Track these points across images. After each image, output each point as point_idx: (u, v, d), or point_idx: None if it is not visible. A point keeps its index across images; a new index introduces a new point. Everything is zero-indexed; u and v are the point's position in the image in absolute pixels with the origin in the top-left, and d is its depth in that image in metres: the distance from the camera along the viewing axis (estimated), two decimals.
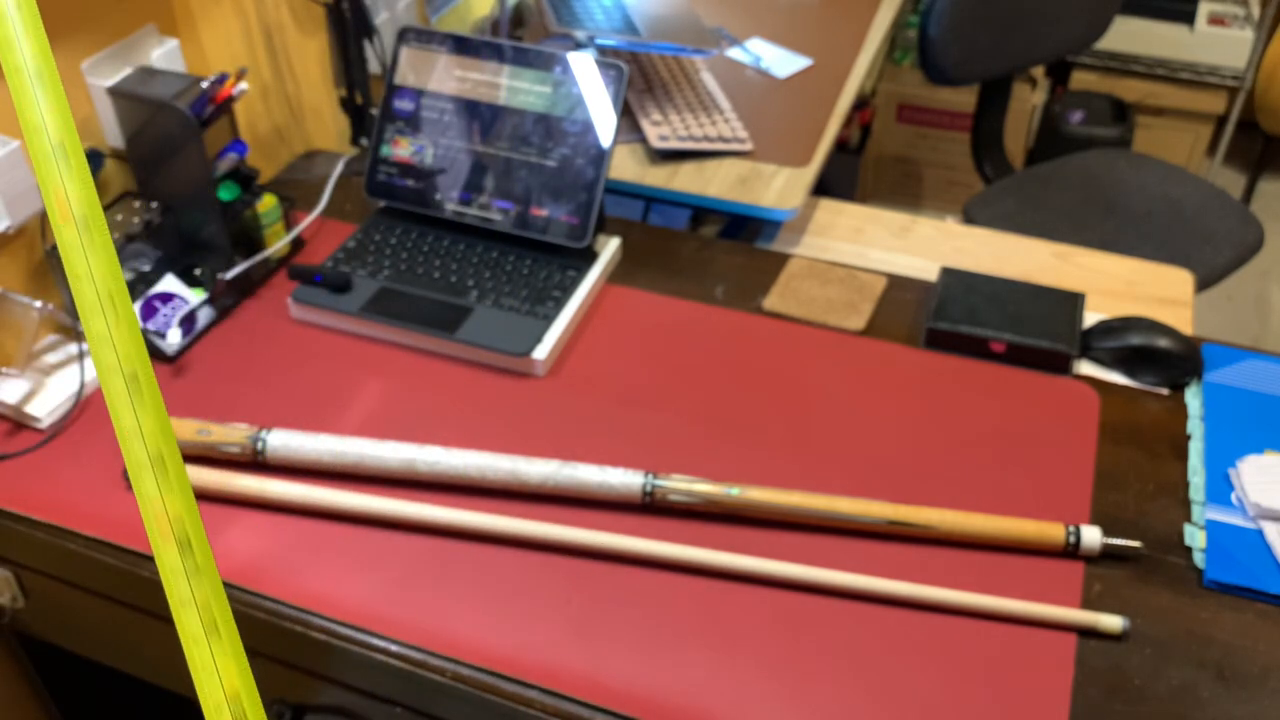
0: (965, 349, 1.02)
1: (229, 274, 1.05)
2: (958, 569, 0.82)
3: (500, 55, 1.10)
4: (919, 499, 0.87)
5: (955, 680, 0.75)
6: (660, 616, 0.79)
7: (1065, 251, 1.27)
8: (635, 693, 0.74)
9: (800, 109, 1.45)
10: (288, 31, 1.26)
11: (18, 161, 0.96)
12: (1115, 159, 1.91)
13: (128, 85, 1.03)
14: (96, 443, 0.93)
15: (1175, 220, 1.74)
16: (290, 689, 0.90)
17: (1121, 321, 1.01)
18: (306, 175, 1.28)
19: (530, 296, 1.05)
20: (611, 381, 0.99)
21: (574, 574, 0.82)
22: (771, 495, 0.85)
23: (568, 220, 1.09)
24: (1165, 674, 0.76)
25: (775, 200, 1.28)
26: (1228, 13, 2.43)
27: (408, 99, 1.13)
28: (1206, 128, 2.49)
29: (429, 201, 1.13)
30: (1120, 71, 2.49)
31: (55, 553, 0.87)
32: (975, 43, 1.75)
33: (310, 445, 0.89)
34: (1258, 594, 0.81)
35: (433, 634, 0.78)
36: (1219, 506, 0.87)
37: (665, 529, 0.85)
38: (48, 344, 1.01)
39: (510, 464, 0.87)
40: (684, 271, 1.12)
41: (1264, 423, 0.94)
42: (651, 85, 1.44)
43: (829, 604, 0.80)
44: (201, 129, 1.01)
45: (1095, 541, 0.82)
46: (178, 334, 1.01)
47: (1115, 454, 0.92)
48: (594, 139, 1.08)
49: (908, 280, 1.11)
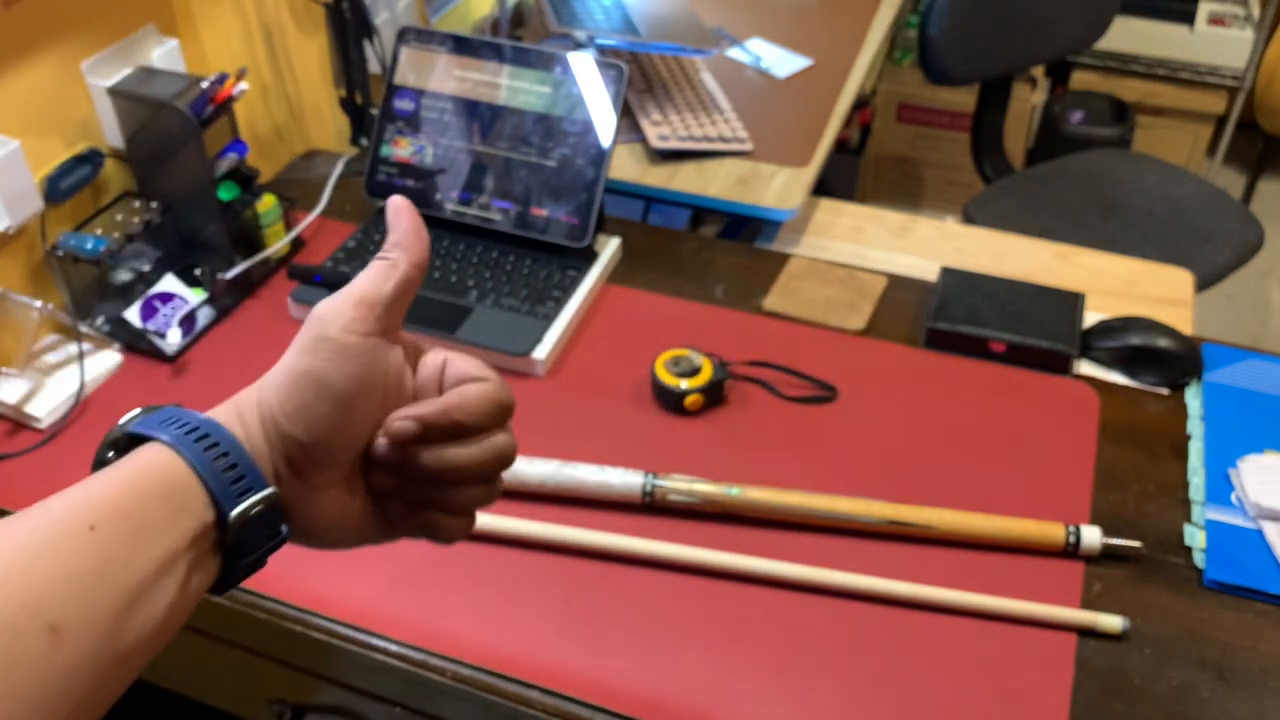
0: (965, 349, 1.02)
1: (229, 274, 1.05)
2: (957, 569, 0.82)
3: (500, 55, 1.10)
4: (919, 499, 0.86)
5: (955, 680, 0.75)
6: (660, 616, 0.79)
7: (1065, 251, 1.27)
8: (635, 692, 0.74)
9: (800, 109, 1.45)
10: (288, 31, 1.26)
11: (18, 161, 0.96)
12: (1115, 159, 1.91)
13: (128, 85, 1.03)
14: (96, 443, 0.93)
15: (1175, 220, 1.74)
16: (290, 689, 0.90)
17: (1121, 321, 1.01)
18: (306, 175, 1.28)
19: (530, 296, 1.05)
20: (611, 381, 0.99)
21: (573, 574, 0.82)
22: (771, 495, 0.85)
23: (568, 220, 1.09)
24: (1165, 674, 0.76)
25: (775, 200, 1.28)
26: (1228, 13, 2.43)
27: (408, 99, 1.13)
28: (1206, 128, 2.49)
29: (429, 201, 1.13)
30: (1120, 71, 2.49)
31: None
32: (975, 43, 1.75)
33: None
34: (1258, 594, 0.81)
35: (433, 634, 0.78)
36: (1219, 506, 0.87)
37: (665, 529, 0.85)
38: (48, 344, 1.01)
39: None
40: (684, 271, 1.12)
41: (1264, 423, 0.94)
42: (651, 85, 1.44)
43: (829, 604, 0.80)
44: (201, 129, 1.01)
45: (1095, 541, 0.82)
46: (178, 334, 1.01)
47: (1115, 454, 0.92)
48: (594, 139, 1.08)
49: (908, 280, 1.11)
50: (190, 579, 0.39)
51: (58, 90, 1.01)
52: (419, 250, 0.45)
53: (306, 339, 0.42)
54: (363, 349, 0.42)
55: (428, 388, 0.46)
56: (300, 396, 0.42)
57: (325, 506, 0.44)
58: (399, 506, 0.46)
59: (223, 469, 0.40)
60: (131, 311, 1.02)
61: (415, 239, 0.45)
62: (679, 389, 0.94)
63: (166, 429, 0.41)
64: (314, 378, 0.42)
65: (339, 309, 0.43)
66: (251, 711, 0.95)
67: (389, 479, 0.45)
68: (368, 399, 0.43)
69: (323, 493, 0.44)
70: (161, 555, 0.38)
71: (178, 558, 0.38)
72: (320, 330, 0.42)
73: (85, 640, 0.35)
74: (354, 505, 0.45)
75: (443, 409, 0.43)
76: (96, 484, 0.39)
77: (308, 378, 0.42)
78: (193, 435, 0.41)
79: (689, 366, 0.96)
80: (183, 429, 0.41)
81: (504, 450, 0.45)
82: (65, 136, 1.03)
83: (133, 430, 0.42)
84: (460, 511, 0.46)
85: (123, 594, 0.36)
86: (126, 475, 0.39)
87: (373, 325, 0.43)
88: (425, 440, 0.43)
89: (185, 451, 0.40)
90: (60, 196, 1.02)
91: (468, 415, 0.44)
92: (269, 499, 0.41)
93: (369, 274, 0.44)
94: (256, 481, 0.41)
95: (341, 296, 0.43)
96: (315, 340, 0.42)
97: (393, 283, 0.43)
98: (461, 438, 0.44)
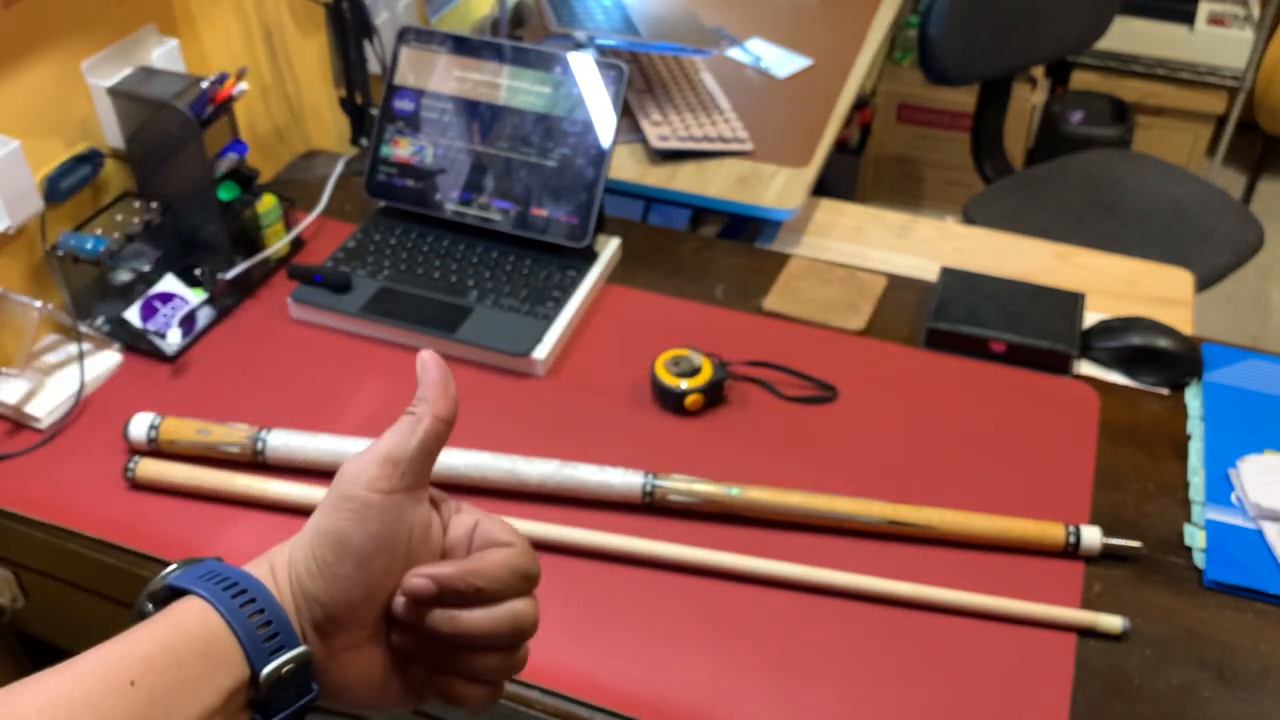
0: (965, 349, 1.02)
1: (229, 274, 1.05)
2: (957, 569, 0.82)
3: (500, 55, 1.10)
4: (919, 499, 0.86)
5: (955, 680, 0.75)
6: (660, 616, 0.79)
7: (1065, 251, 1.27)
8: (635, 693, 0.74)
9: (800, 109, 1.45)
10: (287, 31, 1.26)
11: (18, 161, 0.96)
12: (1115, 159, 1.91)
13: (128, 85, 1.03)
14: (96, 443, 0.93)
15: (1175, 220, 1.74)
16: None
17: (1121, 321, 1.01)
18: (306, 175, 1.28)
19: (530, 296, 1.05)
20: (611, 381, 0.99)
21: (573, 574, 0.82)
22: (771, 495, 0.85)
23: (568, 220, 1.09)
24: (1165, 674, 0.76)
25: (775, 200, 1.28)
26: (1228, 13, 2.43)
27: (408, 99, 1.13)
28: (1206, 128, 2.49)
29: (429, 201, 1.13)
30: (1120, 71, 2.49)
31: (55, 553, 0.87)
32: (975, 43, 1.75)
33: (310, 445, 0.89)
34: (1258, 594, 0.81)
35: None
36: (1219, 506, 0.87)
37: (665, 529, 0.85)
38: (48, 344, 1.01)
39: (510, 464, 0.87)
40: (684, 271, 1.12)
41: (1264, 423, 0.94)
42: (651, 85, 1.44)
43: (829, 604, 0.80)
44: (201, 129, 1.01)
45: (1095, 541, 0.82)
46: (178, 334, 1.01)
47: (1115, 454, 0.92)
48: (594, 139, 1.08)
49: (908, 280, 1.11)
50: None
51: (58, 90, 1.01)
52: (445, 405, 0.45)
53: (332, 497, 0.43)
54: (384, 506, 0.43)
55: (457, 548, 0.46)
56: (322, 556, 0.43)
57: (349, 668, 0.45)
58: (419, 670, 0.46)
59: (257, 625, 0.41)
60: (131, 312, 1.02)
61: (442, 393, 0.45)
62: (679, 389, 0.94)
63: (204, 584, 0.42)
64: (335, 537, 0.43)
65: (364, 466, 0.43)
66: None
67: (408, 640, 0.45)
68: (389, 556, 0.43)
69: (347, 654, 0.44)
70: (198, 712, 0.39)
71: (213, 715, 0.39)
72: (343, 489, 0.43)
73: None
74: (376, 669, 0.45)
75: (460, 571, 0.43)
76: (136, 638, 0.40)
77: (329, 537, 0.43)
78: (230, 591, 0.42)
79: (689, 366, 0.96)
80: (220, 584, 0.42)
81: (522, 619, 0.45)
82: (65, 136, 1.03)
83: (172, 583, 0.43)
84: (479, 680, 0.46)
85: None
86: (165, 630, 0.40)
87: (396, 483, 0.43)
88: (441, 601, 0.43)
89: (222, 608, 0.41)
90: (60, 196, 1.02)
91: (486, 580, 0.44)
92: (299, 658, 0.42)
93: (394, 430, 0.44)
94: (289, 639, 0.42)
95: (367, 454, 0.44)
96: (339, 499, 0.43)
97: (417, 439, 0.44)
98: (480, 603, 0.44)
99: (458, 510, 0.47)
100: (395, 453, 0.43)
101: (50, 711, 0.36)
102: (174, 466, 0.88)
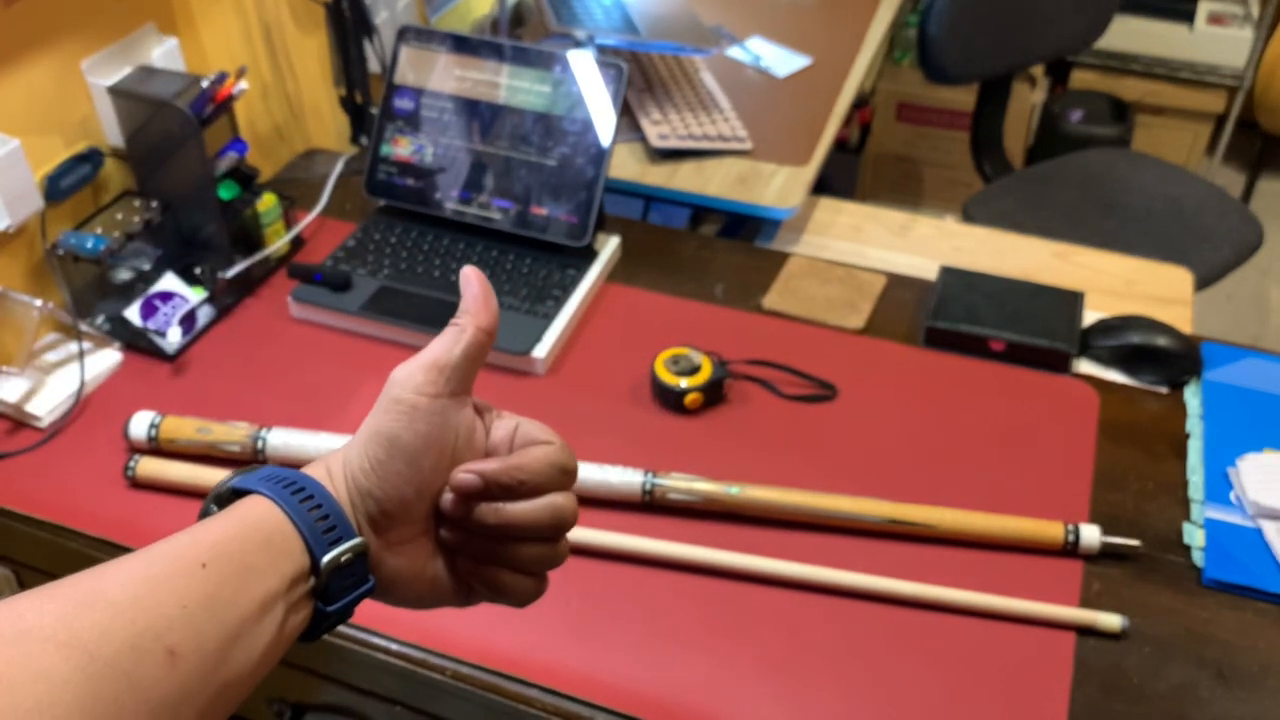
0: (965, 348, 1.02)
1: (229, 273, 1.05)
2: (957, 568, 0.82)
3: (500, 54, 1.10)
4: (918, 497, 0.87)
5: (954, 678, 0.75)
6: (660, 616, 0.79)
7: (1065, 250, 1.27)
8: (635, 692, 0.74)
9: (800, 108, 1.45)
10: (287, 30, 1.26)
11: (18, 161, 0.96)
12: (1115, 158, 1.91)
13: (128, 84, 1.03)
14: (96, 442, 0.93)
15: (1175, 219, 1.74)
16: (290, 688, 0.90)
17: (1121, 320, 1.01)
18: (306, 174, 1.28)
19: (530, 295, 1.05)
20: (611, 380, 0.99)
21: (574, 573, 0.82)
22: (771, 494, 0.85)
23: (567, 219, 1.09)
24: (1164, 673, 0.76)
25: (775, 199, 1.28)
26: (1227, 12, 2.43)
27: (407, 98, 1.13)
28: (1206, 127, 2.49)
29: (429, 200, 1.13)
30: (1120, 70, 2.49)
31: (55, 552, 0.87)
32: (975, 42, 1.75)
33: (310, 444, 0.89)
34: (1257, 593, 0.81)
35: (433, 633, 0.78)
36: (1218, 505, 0.87)
37: (665, 528, 0.85)
38: (48, 343, 1.01)
39: None
40: (684, 270, 1.13)
41: (1263, 421, 0.94)
42: (651, 84, 1.44)
43: (829, 603, 0.80)
44: (201, 128, 1.01)
45: (1094, 540, 0.82)
46: (178, 333, 1.01)
47: (1114, 453, 0.92)
48: (594, 138, 1.08)
49: (907, 279, 1.11)
50: (287, 620, 0.42)
51: (58, 89, 1.01)
52: (487, 316, 0.48)
53: (383, 401, 0.46)
54: (431, 409, 0.46)
55: (500, 449, 0.49)
56: (375, 455, 0.46)
57: (402, 562, 0.47)
58: (466, 563, 0.49)
59: (316, 519, 0.44)
60: (132, 310, 1.02)
61: (484, 305, 0.48)
62: (679, 388, 0.94)
63: (266, 484, 0.45)
64: (386, 437, 0.46)
65: (411, 373, 0.46)
66: (251, 710, 0.95)
67: (455, 534, 0.48)
68: (437, 455, 0.46)
69: (399, 549, 0.47)
70: (262, 596, 0.41)
71: (276, 599, 0.42)
72: (394, 393, 0.46)
73: (195, 667, 0.38)
74: (428, 564, 0.48)
75: (504, 466, 0.47)
76: (204, 529, 0.42)
77: (380, 437, 0.46)
78: (290, 489, 0.45)
79: (689, 365, 0.96)
80: (280, 484, 0.45)
81: (562, 511, 0.48)
82: (65, 135, 1.03)
83: (235, 485, 0.46)
84: (525, 570, 0.49)
85: (229, 628, 0.40)
86: (232, 522, 0.43)
87: (441, 387, 0.46)
88: (487, 495, 0.46)
89: (283, 503, 0.44)
90: (60, 195, 1.02)
91: (528, 474, 0.47)
92: (356, 548, 0.45)
93: (440, 340, 0.47)
94: (346, 531, 0.45)
95: (414, 362, 0.47)
96: (390, 402, 0.46)
97: (461, 347, 0.47)
98: (522, 496, 0.47)
99: (500, 416, 0.50)
100: (441, 359, 0.46)
101: (131, 589, 0.38)
102: (174, 465, 0.89)
